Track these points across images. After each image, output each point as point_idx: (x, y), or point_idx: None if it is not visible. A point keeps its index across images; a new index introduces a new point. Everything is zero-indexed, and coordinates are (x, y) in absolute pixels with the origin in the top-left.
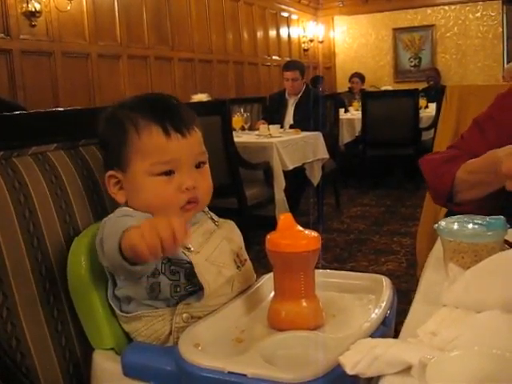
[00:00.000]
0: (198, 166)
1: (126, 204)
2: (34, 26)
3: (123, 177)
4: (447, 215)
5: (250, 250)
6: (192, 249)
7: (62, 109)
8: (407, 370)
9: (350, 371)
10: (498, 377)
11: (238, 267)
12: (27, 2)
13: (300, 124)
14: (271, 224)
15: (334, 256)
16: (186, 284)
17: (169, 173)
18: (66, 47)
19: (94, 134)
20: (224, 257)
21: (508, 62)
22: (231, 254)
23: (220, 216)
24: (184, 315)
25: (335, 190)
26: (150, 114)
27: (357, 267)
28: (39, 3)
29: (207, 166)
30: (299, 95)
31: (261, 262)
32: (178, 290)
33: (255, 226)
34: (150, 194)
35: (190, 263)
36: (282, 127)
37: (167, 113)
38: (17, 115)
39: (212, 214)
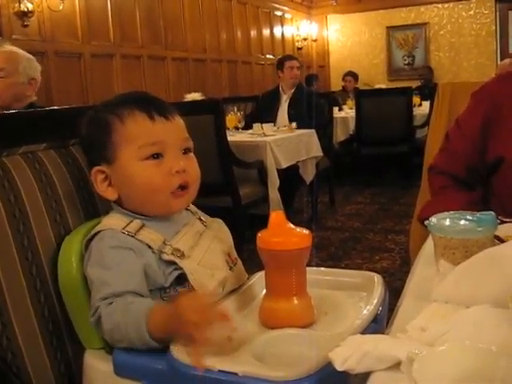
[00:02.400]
0: (185, 152)
1: (119, 200)
2: (26, 25)
3: (111, 170)
4: None
5: (244, 248)
6: (184, 253)
7: (52, 108)
8: (397, 365)
9: (339, 367)
10: (484, 371)
11: (230, 268)
12: (19, 2)
13: (295, 119)
14: (265, 223)
15: (329, 254)
16: (176, 285)
17: (157, 156)
18: (58, 47)
19: None
20: (216, 259)
21: (501, 60)
22: (223, 255)
23: (213, 215)
24: None
25: (329, 188)
26: (133, 103)
27: (351, 265)
28: (31, 3)
29: (192, 154)
30: (292, 91)
31: (255, 260)
32: (168, 291)
33: (249, 224)
34: (141, 180)
35: (182, 269)
36: (274, 124)
37: (149, 101)
38: (6, 114)
39: (200, 213)
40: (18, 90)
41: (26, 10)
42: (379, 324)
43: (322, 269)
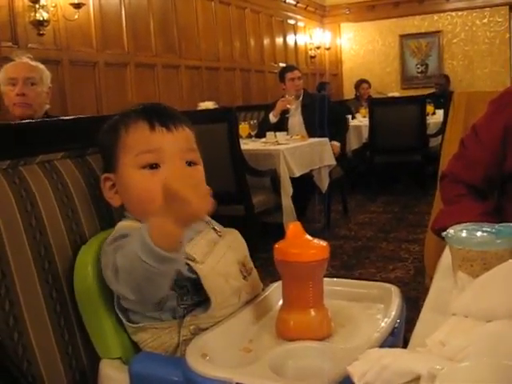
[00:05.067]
0: (189, 164)
1: (122, 207)
2: (41, 34)
3: (115, 177)
4: None
5: (257, 257)
6: (197, 259)
7: (68, 117)
8: (416, 380)
9: (358, 381)
10: None
11: (244, 277)
12: (35, 11)
13: (312, 124)
14: (279, 231)
15: (342, 263)
16: (192, 294)
17: (155, 166)
18: (73, 56)
19: None
20: (230, 267)
21: None
22: (237, 265)
23: (227, 223)
24: (191, 327)
25: (343, 196)
26: (140, 112)
27: (365, 274)
28: (47, 12)
29: (200, 167)
30: (300, 98)
31: (268, 270)
32: (185, 299)
33: (262, 233)
34: (137, 188)
35: (197, 274)
36: (287, 133)
37: (155, 110)
38: (23, 124)
39: (215, 223)
40: (43, 99)
41: (41, 19)
42: (396, 337)
43: (339, 280)
